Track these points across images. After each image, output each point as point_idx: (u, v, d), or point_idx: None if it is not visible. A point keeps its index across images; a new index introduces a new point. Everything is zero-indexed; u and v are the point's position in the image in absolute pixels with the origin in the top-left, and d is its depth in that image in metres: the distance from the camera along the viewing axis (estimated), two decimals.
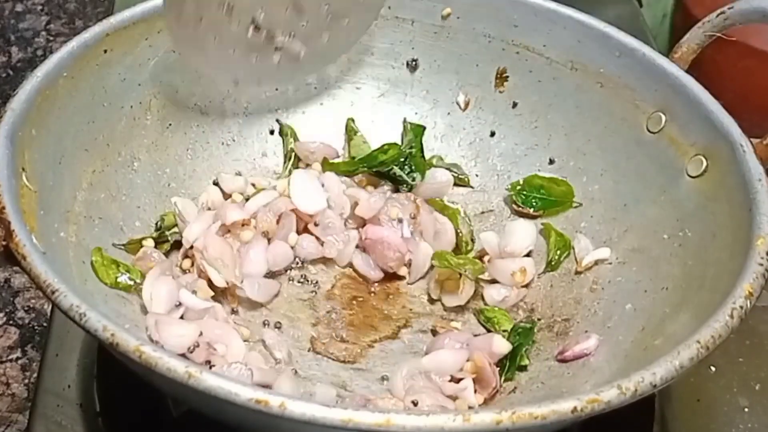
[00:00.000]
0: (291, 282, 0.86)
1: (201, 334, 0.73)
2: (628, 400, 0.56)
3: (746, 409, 0.84)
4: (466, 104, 0.97)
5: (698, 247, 0.77)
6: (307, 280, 0.86)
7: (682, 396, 0.85)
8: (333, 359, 0.79)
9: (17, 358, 1.63)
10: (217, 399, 0.54)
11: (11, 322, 1.68)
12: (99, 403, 0.81)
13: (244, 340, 0.78)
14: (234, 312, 0.82)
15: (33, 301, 1.72)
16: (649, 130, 0.86)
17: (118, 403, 0.80)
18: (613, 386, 0.56)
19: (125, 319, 0.74)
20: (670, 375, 0.57)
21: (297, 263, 0.87)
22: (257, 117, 0.96)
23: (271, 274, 0.85)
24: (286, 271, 0.86)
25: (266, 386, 0.70)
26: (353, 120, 0.97)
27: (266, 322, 0.82)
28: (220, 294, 0.81)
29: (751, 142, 0.77)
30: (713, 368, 0.87)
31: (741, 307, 0.62)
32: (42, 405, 0.81)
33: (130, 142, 0.86)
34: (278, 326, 0.81)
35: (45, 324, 1.45)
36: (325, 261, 0.88)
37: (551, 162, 0.94)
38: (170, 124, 0.90)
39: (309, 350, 0.80)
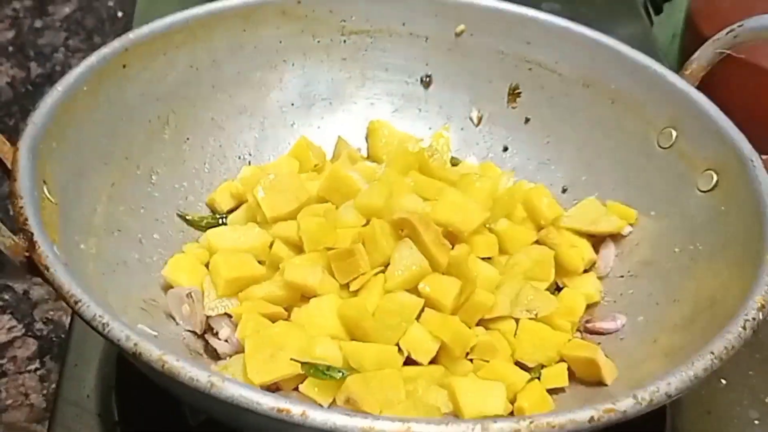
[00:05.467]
0: None
1: None
2: (643, 409, 0.57)
3: (756, 422, 0.85)
4: (479, 120, 0.99)
5: (709, 260, 0.78)
6: None
7: (693, 408, 0.86)
8: None
9: (36, 369, 1.63)
10: (238, 408, 0.54)
11: (30, 333, 1.68)
12: (118, 412, 0.81)
13: None
14: None
15: (51, 312, 1.72)
16: (660, 146, 0.87)
17: (137, 413, 0.81)
18: (629, 396, 0.57)
19: (145, 329, 0.74)
20: (684, 385, 0.58)
21: None
22: (274, 131, 0.97)
23: None
24: None
25: None
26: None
27: None
28: None
29: (761, 158, 0.78)
30: (724, 381, 0.88)
31: (753, 319, 0.63)
32: (61, 415, 0.81)
33: (148, 155, 0.87)
34: None
35: (63, 335, 1.45)
36: None
37: (564, 191, 0.95)
38: (188, 138, 0.91)
39: None
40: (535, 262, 0.84)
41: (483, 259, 0.83)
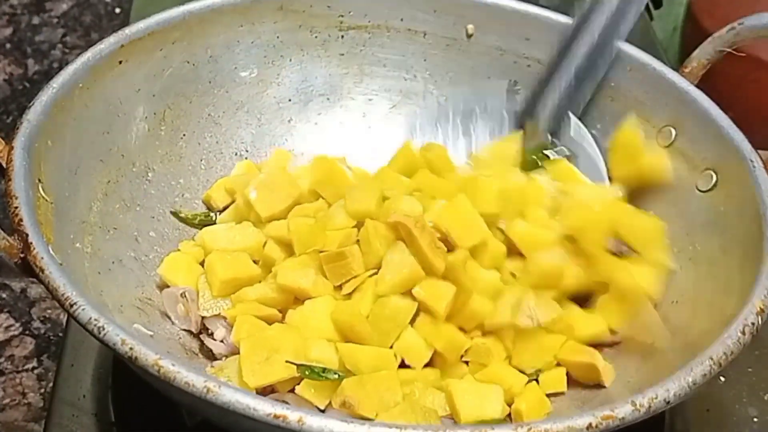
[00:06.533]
0: None
1: None
2: (642, 416, 0.56)
3: (755, 419, 0.85)
4: None
5: (708, 262, 0.77)
6: None
7: (692, 406, 0.85)
8: None
9: (33, 368, 1.63)
10: (234, 414, 0.54)
11: (27, 332, 1.69)
12: (114, 413, 0.81)
13: None
14: None
15: (49, 311, 1.72)
16: (659, 144, 0.86)
17: (133, 414, 0.81)
18: (627, 402, 0.56)
19: (141, 329, 0.74)
20: (683, 391, 0.58)
21: None
22: (271, 127, 0.96)
23: None
24: None
25: None
26: None
27: None
28: None
29: (761, 157, 0.77)
30: (723, 378, 0.87)
31: (753, 324, 0.63)
32: (57, 415, 0.81)
33: (144, 152, 0.86)
34: None
35: (61, 334, 1.46)
36: None
37: None
38: (184, 135, 0.91)
39: None
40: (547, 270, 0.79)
41: None
